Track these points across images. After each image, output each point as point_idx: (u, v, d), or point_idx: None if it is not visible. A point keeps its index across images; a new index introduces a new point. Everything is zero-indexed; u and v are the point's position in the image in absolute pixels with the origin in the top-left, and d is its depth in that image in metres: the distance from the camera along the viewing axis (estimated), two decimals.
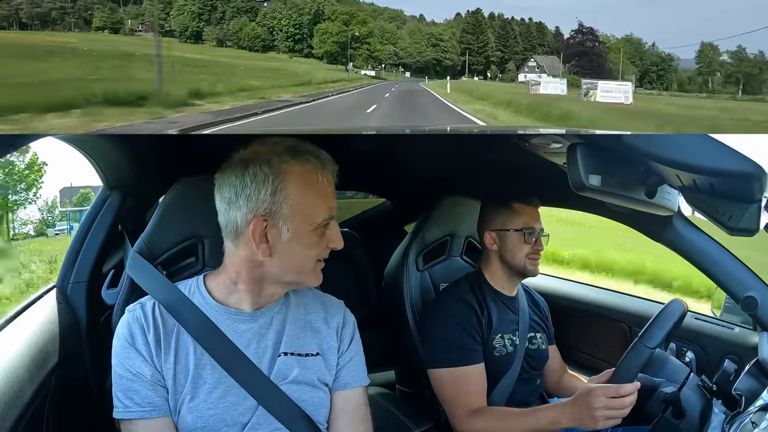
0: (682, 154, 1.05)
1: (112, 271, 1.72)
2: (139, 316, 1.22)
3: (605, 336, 2.42)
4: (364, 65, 54.72)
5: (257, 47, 56.56)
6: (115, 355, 1.20)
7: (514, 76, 57.17)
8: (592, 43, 55.44)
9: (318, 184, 1.19)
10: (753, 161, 1.04)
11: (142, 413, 1.16)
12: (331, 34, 55.26)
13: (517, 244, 1.83)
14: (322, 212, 1.19)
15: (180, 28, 57.28)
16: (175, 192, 1.42)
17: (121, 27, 55.59)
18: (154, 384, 1.18)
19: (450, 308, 1.81)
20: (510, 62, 60.74)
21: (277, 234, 1.17)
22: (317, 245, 1.21)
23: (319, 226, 1.19)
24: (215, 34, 56.66)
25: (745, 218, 1.20)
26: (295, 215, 1.17)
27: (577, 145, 1.18)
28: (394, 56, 60.12)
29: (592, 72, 48.60)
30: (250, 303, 1.25)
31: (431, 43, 61.39)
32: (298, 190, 1.17)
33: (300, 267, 1.21)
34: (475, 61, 61.26)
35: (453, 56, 60.96)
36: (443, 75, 55.27)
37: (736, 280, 1.72)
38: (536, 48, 61.27)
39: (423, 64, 60.43)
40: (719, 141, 1.04)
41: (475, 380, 1.73)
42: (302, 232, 1.18)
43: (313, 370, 1.27)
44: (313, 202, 1.19)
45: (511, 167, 1.90)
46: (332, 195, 1.23)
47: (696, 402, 1.53)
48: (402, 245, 2.10)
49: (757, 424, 1.37)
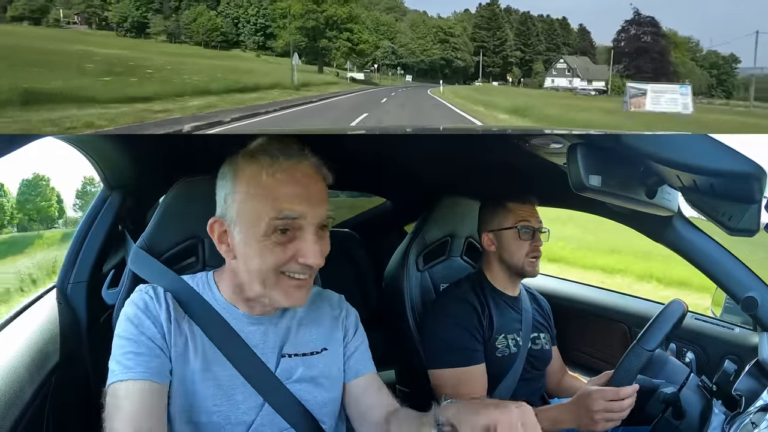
0: (682, 155, 1.05)
1: (113, 271, 1.72)
2: (151, 295, 1.18)
3: (605, 336, 2.42)
4: (343, 62, 39.30)
5: (215, 42, 44.64)
6: (125, 320, 1.13)
7: (542, 81, 47.52)
8: (653, 38, 41.47)
9: (261, 184, 1.09)
10: (753, 161, 1.04)
11: (144, 374, 1.08)
12: (294, 17, 37.41)
13: (513, 243, 1.83)
14: (266, 216, 1.07)
15: (117, 19, 45.19)
16: (175, 192, 1.42)
17: (43, 17, 43.84)
18: (161, 352, 1.11)
19: (451, 308, 1.81)
20: (537, 63, 50.31)
21: (232, 237, 1.13)
22: (274, 254, 1.08)
23: (269, 231, 1.07)
24: (162, 26, 44.71)
25: (745, 218, 1.20)
26: (241, 219, 1.11)
27: (577, 146, 1.18)
28: (392, 54, 48.14)
29: (652, 75, 35.85)
30: (249, 310, 1.23)
31: (439, 38, 49.32)
32: (243, 192, 1.11)
33: (259, 278, 1.11)
34: (491, 62, 50.11)
35: (465, 55, 49.54)
36: (453, 79, 46.02)
37: (736, 281, 1.72)
38: (560, 47, 50.48)
39: (428, 65, 48.93)
40: (719, 141, 1.04)
41: (476, 381, 1.73)
42: (250, 238, 1.09)
43: (317, 368, 1.26)
44: (255, 204, 1.08)
45: (512, 167, 1.90)
46: (289, 196, 1.07)
47: (696, 402, 1.53)
48: (402, 245, 2.10)
49: (757, 424, 1.37)
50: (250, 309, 1.23)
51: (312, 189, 1.12)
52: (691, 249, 1.78)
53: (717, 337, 2.04)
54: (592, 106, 19.49)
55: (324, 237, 1.14)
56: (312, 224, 1.10)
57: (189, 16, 44.71)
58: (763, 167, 1.06)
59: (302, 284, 1.13)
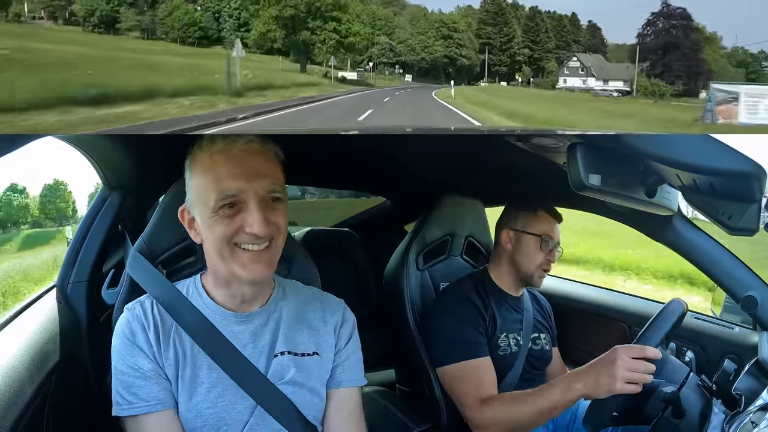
0: (682, 154, 1.05)
1: (112, 270, 1.72)
2: (138, 314, 1.22)
3: (605, 336, 2.42)
4: (331, 59, 31.24)
5: (192, 38, 38.41)
6: (116, 352, 1.20)
7: (555, 80, 42.46)
8: (684, 32, 35.70)
9: (206, 167, 1.17)
10: (753, 161, 1.04)
11: (147, 408, 1.16)
12: (269, 3, 30.42)
13: (532, 249, 1.84)
14: (212, 194, 1.15)
15: (84, 12, 38.92)
16: (175, 192, 1.42)
17: (2, 11, 35.69)
18: (158, 378, 1.18)
19: (453, 306, 1.81)
20: (550, 61, 44.90)
21: (195, 221, 1.21)
22: (222, 227, 1.15)
23: (217, 209, 1.14)
24: (133, 20, 39.03)
25: (745, 218, 1.20)
26: (195, 201, 1.19)
27: (577, 145, 1.18)
28: (389, 52, 42.89)
29: (685, 75, 33.00)
30: (232, 300, 1.25)
31: (441, 34, 44.03)
32: (195, 177, 1.20)
33: (217, 252, 1.17)
34: (497, 60, 45.36)
35: (471, 53, 44.09)
36: (457, 80, 39.02)
37: (736, 280, 1.72)
38: (570, 45, 45.41)
39: (430, 64, 43.73)
40: (719, 141, 1.04)
41: (485, 372, 1.72)
42: (204, 216, 1.17)
43: (310, 371, 1.27)
44: (203, 186, 1.17)
45: (512, 167, 1.90)
46: (229, 174, 1.15)
47: (696, 402, 1.52)
48: (402, 245, 2.10)
49: (757, 423, 1.37)
50: (233, 302, 1.25)
51: (250, 165, 1.17)
52: (691, 248, 1.78)
53: (717, 337, 2.04)
54: (631, 111, 16.69)
55: (275, 209, 1.18)
56: (255, 197, 1.15)
57: (165, 10, 38.78)
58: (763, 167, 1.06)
59: (256, 256, 1.16)
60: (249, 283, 1.21)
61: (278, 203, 1.19)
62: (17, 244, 13.33)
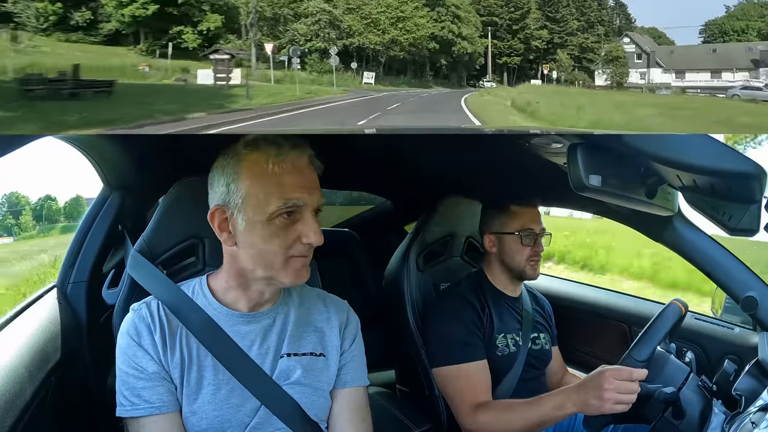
0: (682, 154, 1.05)
1: (113, 271, 1.72)
2: (145, 315, 1.22)
3: (605, 336, 2.42)
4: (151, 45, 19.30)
5: None
6: (121, 353, 1.20)
7: (624, 75, 28.11)
8: None
9: (268, 172, 1.16)
10: (753, 161, 1.04)
11: (150, 409, 1.16)
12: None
13: (514, 247, 1.84)
14: (275, 201, 1.15)
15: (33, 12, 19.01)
16: (175, 192, 1.42)
17: None
18: (162, 380, 1.18)
19: (451, 307, 1.82)
20: (598, 46, 28.71)
21: (234, 223, 1.19)
22: (279, 237, 1.16)
23: (274, 216, 1.15)
24: None
25: (745, 218, 1.20)
26: (247, 205, 1.17)
27: (577, 145, 1.18)
28: (330, 29, 22.29)
29: None
30: (246, 302, 1.25)
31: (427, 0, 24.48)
32: (249, 179, 1.17)
33: (265, 260, 1.18)
34: (505, 47, 28.27)
35: (473, 34, 26.45)
36: (451, 78, 27.02)
37: (736, 280, 1.72)
38: (595, 26, 29.36)
39: (409, 52, 24.36)
40: (719, 141, 1.05)
41: (479, 376, 1.73)
42: (256, 222, 1.16)
43: (316, 372, 1.27)
44: (263, 191, 1.16)
45: (512, 167, 1.90)
46: (294, 185, 1.16)
47: (696, 402, 1.52)
48: (402, 245, 2.10)
49: (757, 424, 1.36)
50: (246, 304, 1.25)
51: (310, 178, 1.20)
52: (691, 249, 1.78)
53: (717, 337, 2.04)
54: None
55: (318, 220, 1.22)
56: (311, 209, 1.18)
57: None
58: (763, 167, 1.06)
59: (306, 263, 1.21)
60: (291, 285, 1.24)
61: (318, 214, 1.23)
62: (57, 231, 18.32)
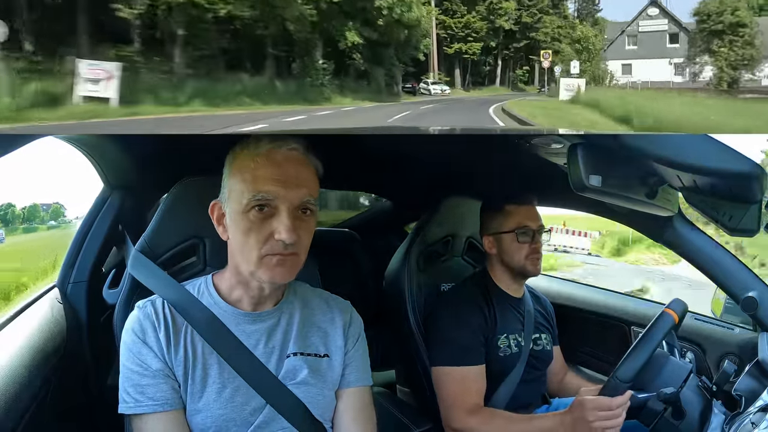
0: (682, 154, 1.05)
1: (113, 270, 1.72)
2: (150, 312, 1.22)
3: (605, 336, 2.42)
4: None
5: None
6: (126, 350, 1.20)
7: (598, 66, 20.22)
8: None
9: (245, 166, 1.18)
10: (753, 161, 1.04)
11: (154, 407, 1.16)
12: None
13: (512, 246, 1.84)
14: (246, 194, 1.16)
15: None
16: (176, 192, 1.42)
17: None
18: (166, 378, 1.18)
19: (457, 308, 1.82)
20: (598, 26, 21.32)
21: (224, 216, 1.23)
22: (254, 232, 1.16)
23: (248, 208, 1.16)
24: None
25: (745, 218, 1.20)
26: (231, 198, 1.20)
27: (577, 146, 1.18)
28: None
29: None
30: (248, 300, 1.25)
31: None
32: (234, 175, 1.21)
33: (244, 255, 1.18)
34: (458, 25, 21.55)
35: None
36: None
37: (736, 281, 1.72)
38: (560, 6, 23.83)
39: (379, 42, 15.53)
40: (719, 141, 1.05)
41: (475, 380, 1.74)
42: (236, 214, 1.18)
43: (321, 373, 1.27)
44: (240, 184, 1.18)
45: (512, 167, 1.90)
46: (266, 177, 1.16)
47: (696, 402, 1.52)
48: (403, 245, 2.09)
49: (757, 424, 1.37)
50: (249, 302, 1.25)
51: (290, 172, 1.18)
52: (691, 249, 1.78)
53: (717, 337, 2.04)
54: None
55: (303, 220, 1.19)
56: (286, 204, 1.16)
57: None
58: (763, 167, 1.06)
59: (282, 261, 1.18)
60: (269, 284, 1.22)
61: (308, 215, 1.20)
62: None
